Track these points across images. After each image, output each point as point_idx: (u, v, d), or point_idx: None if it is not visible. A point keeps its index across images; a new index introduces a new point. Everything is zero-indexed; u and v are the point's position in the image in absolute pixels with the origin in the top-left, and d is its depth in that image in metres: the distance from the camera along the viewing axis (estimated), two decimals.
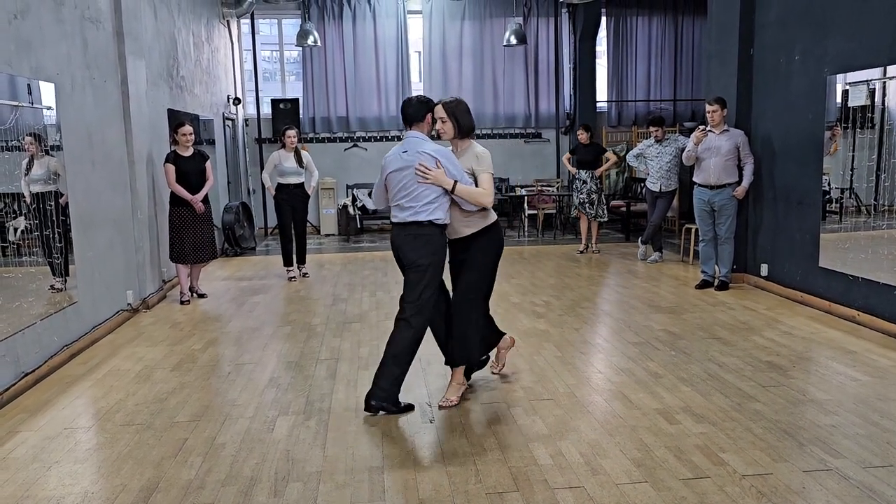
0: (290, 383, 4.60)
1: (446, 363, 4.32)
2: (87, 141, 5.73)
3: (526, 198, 11.74)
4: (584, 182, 9.41)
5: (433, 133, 4.15)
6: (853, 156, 5.84)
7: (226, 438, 3.74)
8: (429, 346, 5.32)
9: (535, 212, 12.00)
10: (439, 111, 4.08)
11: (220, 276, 8.43)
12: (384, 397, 4.03)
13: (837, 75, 5.92)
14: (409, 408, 4.11)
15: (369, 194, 11.10)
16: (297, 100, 12.00)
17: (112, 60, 6.33)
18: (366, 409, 4.05)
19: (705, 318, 5.99)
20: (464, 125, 4.11)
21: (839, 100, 5.97)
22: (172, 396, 4.39)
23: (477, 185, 4.05)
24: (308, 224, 8.51)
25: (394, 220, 4.08)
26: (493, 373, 4.64)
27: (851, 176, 5.89)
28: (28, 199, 4.81)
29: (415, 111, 4.05)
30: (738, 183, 6.93)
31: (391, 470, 3.35)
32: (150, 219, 6.93)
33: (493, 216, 4.22)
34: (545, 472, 3.28)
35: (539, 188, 12.19)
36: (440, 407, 4.12)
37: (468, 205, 4.03)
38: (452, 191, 3.94)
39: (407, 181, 3.95)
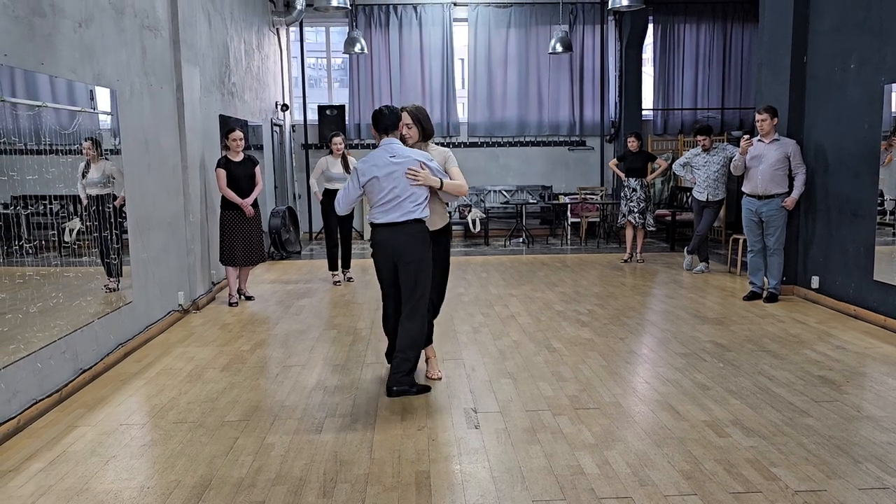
0: (336, 386, 4.67)
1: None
2: (144, 146, 5.90)
3: (569, 206, 11.69)
4: (634, 190, 9.34)
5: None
6: None
7: (275, 438, 3.81)
8: (470, 352, 5.35)
9: (578, 220, 11.95)
10: (406, 118, 4.47)
11: (266, 280, 8.58)
12: (403, 382, 4.44)
13: (894, 84, 5.78)
14: (426, 389, 4.52)
15: None
16: (343, 106, 12.16)
17: (168, 67, 6.51)
18: (388, 395, 4.42)
19: (754, 331, 5.89)
20: (427, 129, 4.54)
21: (895, 109, 5.83)
22: (223, 396, 4.49)
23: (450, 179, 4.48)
24: (353, 230, 8.60)
25: (381, 220, 4.35)
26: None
27: None
28: (85, 202, 4.96)
29: (390, 120, 4.38)
30: (788, 193, 6.81)
31: (437, 474, 3.37)
32: (201, 222, 7.09)
33: (447, 218, 4.72)
34: (592, 482, 3.27)
35: (583, 196, 12.13)
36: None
37: (448, 198, 4.53)
38: (441, 188, 4.37)
39: (398, 183, 4.28)
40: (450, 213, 4.90)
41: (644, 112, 12.74)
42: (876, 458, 3.46)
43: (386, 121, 4.36)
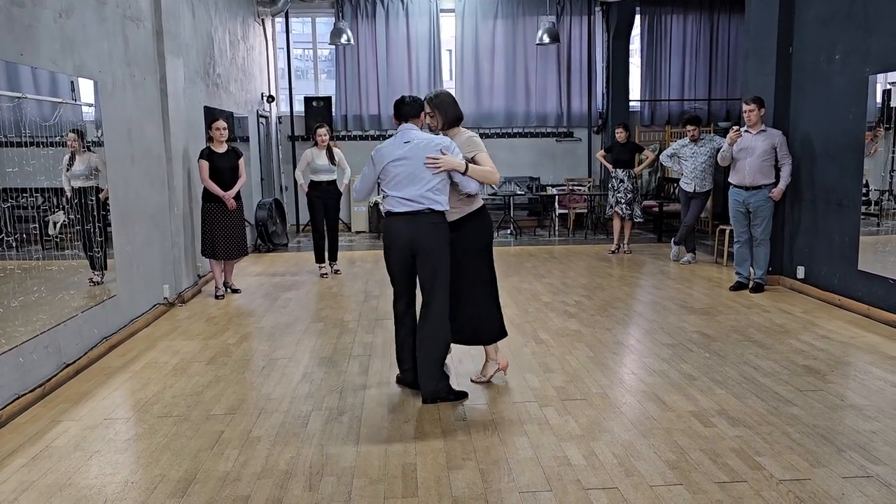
0: (323, 379, 4.65)
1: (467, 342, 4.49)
2: (127, 137, 5.83)
3: (557, 197, 11.69)
4: (622, 181, 9.35)
5: (426, 128, 4.33)
6: (894, 157, 5.72)
7: (261, 432, 3.79)
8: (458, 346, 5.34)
9: (566, 211, 11.96)
10: (426, 107, 4.25)
11: (253, 272, 8.54)
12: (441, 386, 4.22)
13: (879, 75, 5.80)
14: (463, 395, 4.32)
15: None
16: (329, 98, 12.09)
17: (151, 58, 6.44)
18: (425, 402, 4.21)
19: (740, 321, 5.92)
20: (449, 116, 4.27)
21: (880, 99, 5.85)
22: (208, 389, 4.46)
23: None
24: (339, 221, 8.56)
25: (396, 209, 4.07)
26: (472, 381, 4.55)
27: (892, 177, 5.76)
28: (69, 194, 4.91)
29: (410, 108, 4.18)
30: (775, 184, 6.83)
31: (424, 467, 3.37)
32: (185, 215, 7.03)
33: (480, 202, 4.34)
34: (578, 473, 3.27)
35: (570, 187, 12.13)
36: (472, 381, 4.50)
37: (469, 186, 4.12)
38: (465, 172, 4.05)
39: (413, 169, 4.03)
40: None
41: (631, 103, 12.75)
42: (859, 446, 3.49)
43: (406, 109, 4.16)
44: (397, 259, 4.14)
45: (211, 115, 7.95)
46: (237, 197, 7.08)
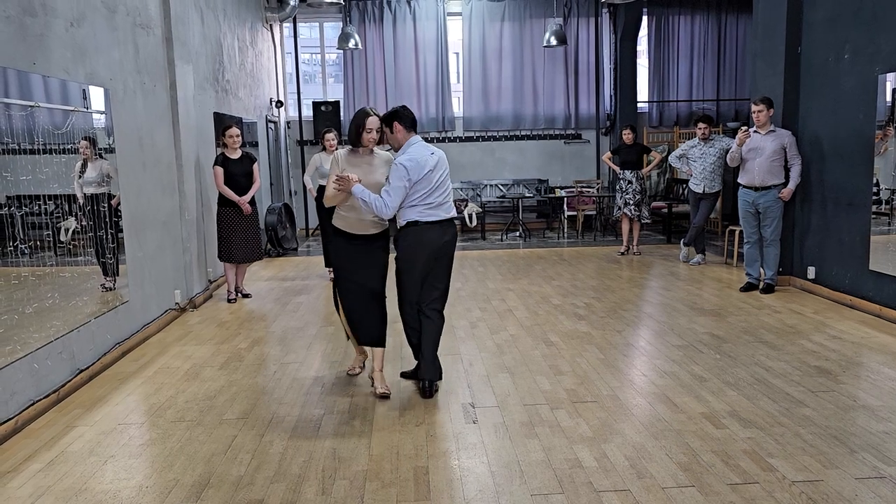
0: (334, 383, 4.67)
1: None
2: (138, 144, 5.88)
3: (566, 199, 11.69)
4: (630, 182, 9.34)
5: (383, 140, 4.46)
6: None
7: (273, 436, 3.81)
8: (468, 347, 5.36)
9: (574, 213, 11.95)
10: (376, 122, 4.36)
11: (263, 277, 8.57)
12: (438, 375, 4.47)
13: (889, 74, 5.78)
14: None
15: None
16: (337, 102, 12.13)
17: (161, 65, 6.49)
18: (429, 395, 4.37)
19: (750, 322, 5.90)
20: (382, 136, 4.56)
21: (889, 99, 5.83)
22: (221, 394, 4.49)
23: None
24: None
25: (434, 218, 4.27)
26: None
27: None
28: (81, 201, 4.95)
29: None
30: (785, 184, 6.82)
31: (436, 470, 3.38)
32: (197, 220, 7.08)
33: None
34: (590, 475, 3.28)
35: (579, 189, 12.13)
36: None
37: None
38: None
39: (443, 179, 4.31)
40: None
41: (639, 104, 12.74)
42: (872, 447, 3.48)
43: (413, 118, 4.32)
44: (424, 266, 4.33)
45: (221, 120, 8.01)
46: (252, 201, 7.13)
